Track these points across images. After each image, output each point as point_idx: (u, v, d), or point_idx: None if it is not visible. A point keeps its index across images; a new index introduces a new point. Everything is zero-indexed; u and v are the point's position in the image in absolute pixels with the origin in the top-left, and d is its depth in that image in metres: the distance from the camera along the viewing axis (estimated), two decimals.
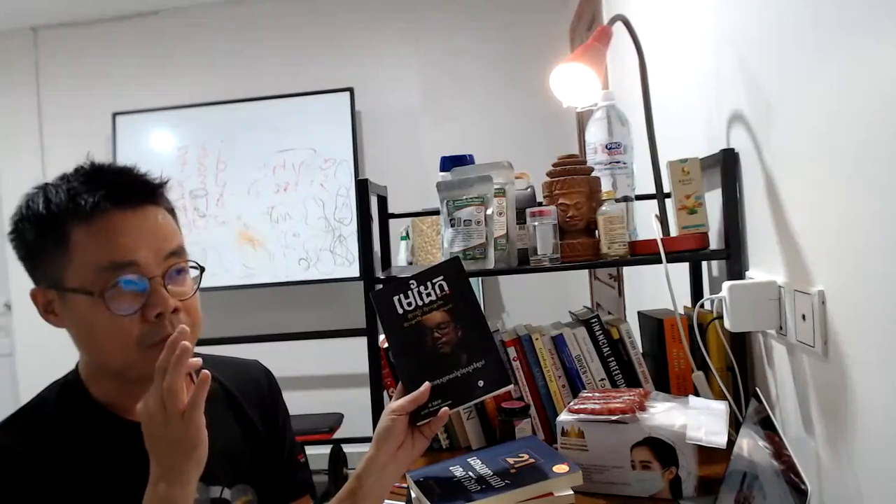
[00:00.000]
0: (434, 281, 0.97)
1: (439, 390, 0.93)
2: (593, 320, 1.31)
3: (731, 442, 1.03)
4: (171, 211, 0.86)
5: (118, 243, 0.77)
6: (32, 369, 3.92)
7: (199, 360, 0.76)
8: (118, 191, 0.78)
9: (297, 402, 1.19)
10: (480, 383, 0.93)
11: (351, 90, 3.60)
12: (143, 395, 0.84)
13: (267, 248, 3.63)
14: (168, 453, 0.73)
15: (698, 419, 1.02)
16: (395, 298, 0.97)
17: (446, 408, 0.91)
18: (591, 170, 1.33)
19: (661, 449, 1.03)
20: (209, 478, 0.77)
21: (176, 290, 0.81)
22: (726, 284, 1.10)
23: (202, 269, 0.85)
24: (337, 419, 3.44)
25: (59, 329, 0.81)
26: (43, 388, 0.86)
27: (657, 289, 1.57)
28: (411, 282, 0.97)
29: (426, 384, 0.92)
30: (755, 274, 1.18)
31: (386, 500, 0.95)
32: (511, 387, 0.94)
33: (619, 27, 1.34)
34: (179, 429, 0.72)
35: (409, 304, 0.97)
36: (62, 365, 0.90)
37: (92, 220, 0.76)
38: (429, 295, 0.97)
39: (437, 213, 1.38)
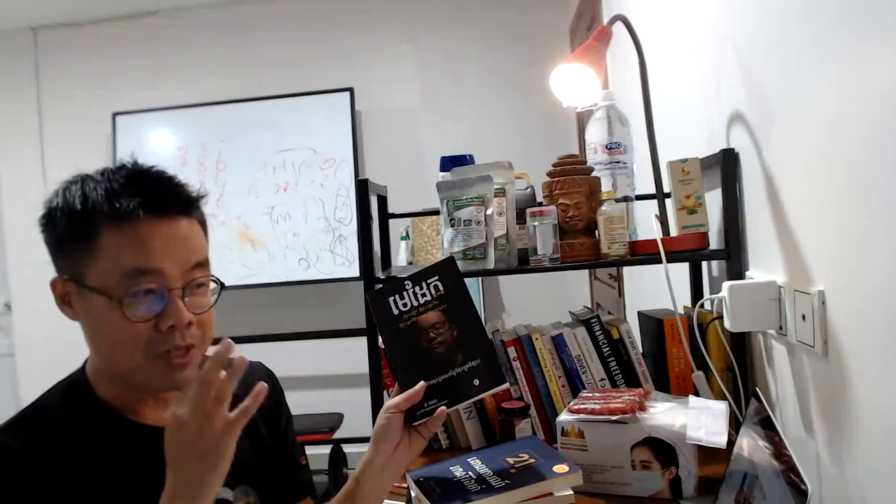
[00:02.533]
0: (429, 281, 0.97)
1: (435, 390, 0.93)
2: (593, 320, 1.31)
3: (731, 442, 1.03)
4: (203, 223, 0.86)
5: (145, 251, 0.77)
6: (32, 369, 3.92)
7: (245, 362, 0.76)
8: (155, 199, 0.78)
9: (297, 402, 1.19)
10: (476, 382, 0.93)
11: (351, 90, 3.60)
12: (154, 399, 0.84)
13: (267, 248, 3.63)
14: (192, 465, 0.72)
15: (698, 419, 1.02)
16: (391, 299, 0.97)
17: (443, 407, 0.91)
18: (591, 170, 1.33)
19: (661, 449, 1.03)
20: None
21: (193, 303, 0.80)
22: (726, 284, 1.10)
23: (222, 286, 0.85)
24: (337, 419, 3.45)
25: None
26: (45, 387, 0.86)
27: (657, 289, 1.57)
28: (406, 282, 0.97)
29: (421, 382, 0.92)
30: (755, 274, 1.18)
31: (386, 501, 0.95)
32: (507, 385, 0.94)
33: (619, 27, 1.34)
34: (214, 439, 0.72)
35: (405, 305, 0.97)
36: (62, 365, 0.90)
37: (124, 225, 0.76)
38: (424, 295, 0.97)
39: (437, 213, 1.38)
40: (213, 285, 0.85)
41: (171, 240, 0.78)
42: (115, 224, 0.76)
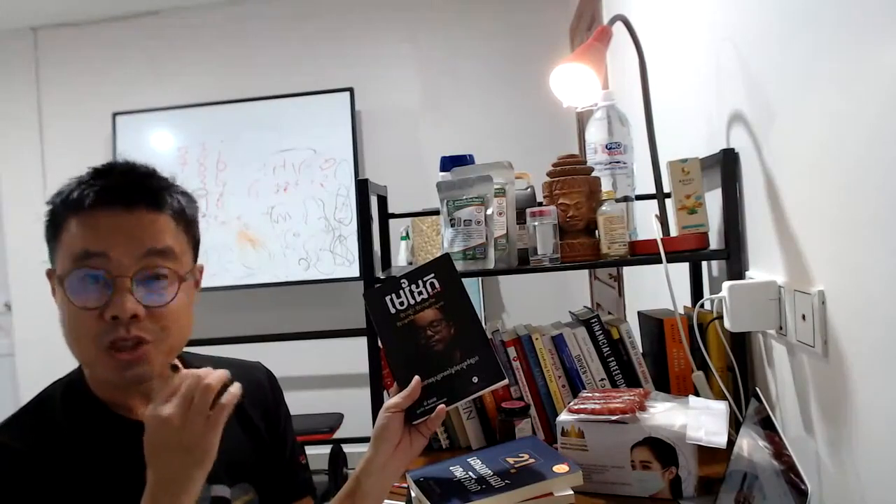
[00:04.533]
0: (425, 279, 0.97)
1: (435, 388, 0.93)
2: (593, 320, 1.31)
3: (731, 442, 1.03)
4: (184, 220, 0.84)
5: (93, 235, 0.77)
6: (32, 369, 3.92)
7: (227, 373, 0.77)
8: (113, 189, 0.78)
9: (298, 402, 1.19)
10: (475, 379, 0.93)
11: (351, 90, 3.60)
12: (146, 396, 0.84)
13: (267, 248, 3.63)
14: (176, 460, 0.72)
15: (698, 419, 1.02)
16: (388, 298, 0.97)
17: (442, 405, 0.91)
18: (591, 170, 1.33)
19: (661, 449, 1.03)
20: (211, 476, 0.77)
21: (147, 296, 0.78)
22: (726, 284, 1.10)
23: (181, 280, 0.81)
24: (337, 419, 3.45)
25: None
26: (45, 386, 0.86)
27: (657, 289, 1.57)
28: (402, 281, 0.97)
29: (416, 378, 0.92)
30: (755, 274, 1.18)
31: (386, 500, 0.95)
32: (505, 381, 0.94)
33: (619, 27, 1.34)
34: (196, 434, 0.72)
35: (402, 304, 0.97)
36: (62, 365, 0.90)
37: (82, 213, 0.77)
38: (420, 293, 0.97)
39: (437, 213, 1.38)
40: (177, 279, 0.81)
41: (124, 227, 0.78)
42: (76, 212, 0.78)
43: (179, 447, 0.72)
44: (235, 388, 0.76)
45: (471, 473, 1.01)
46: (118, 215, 0.78)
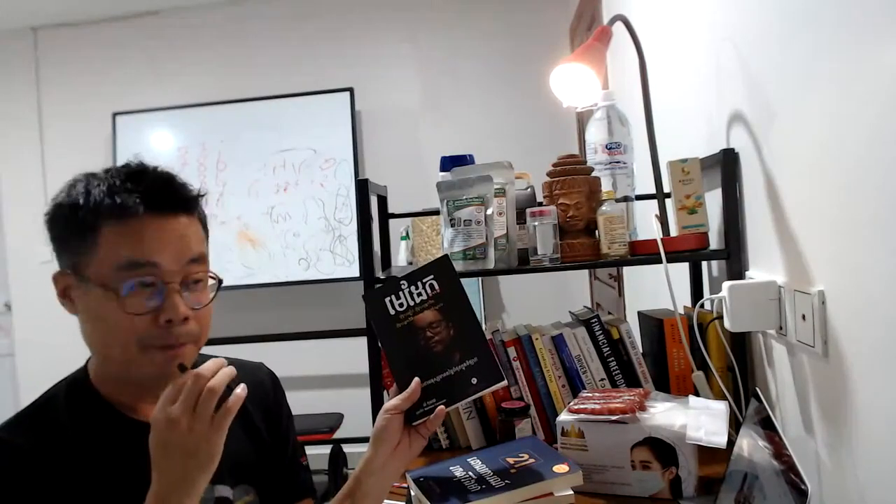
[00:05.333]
0: (424, 280, 0.97)
1: (434, 389, 0.93)
2: (593, 320, 1.31)
3: (731, 442, 1.03)
4: (203, 221, 0.88)
5: (141, 244, 0.78)
6: (32, 369, 3.92)
7: (234, 370, 0.78)
8: (153, 196, 0.79)
9: (298, 402, 1.19)
10: (474, 380, 0.93)
11: (351, 90, 3.60)
12: (154, 396, 0.84)
13: (267, 248, 3.63)
14: (180, 463, 0.72)
15: (698, 419, 1.02)
16: (387, 300, 0.97)
17: (442, 406, 0.92)
18: (591, 170, 1.33)
19: (661, 449, 1.03)
20: (214, 477, 0.77)
21: (191, 298, 0.82)
22: (726, 284, 1.10)
23: (220, 282, 0.86)
24: (337, 419, 3.45)
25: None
26: (45, 388, 0.86)
27: (657, 289, 1.57)
28: (402, 282, 0.97)
29: (416, 380, 0.92)
30: (755, 274, 1.18)
31: (386, 500, 0.95)
32: (504, 383, 0.94)
33: (619, 27, 1.34)
34: (201, 437, 0.72)
35: (401, 305, 0.97)
36: (62, 365, 0.90)
37: (123, 220, 0.78)
38: (419, 295, 0.97)
39: (437, 213, 1.38)
40: (210, 282, 0.86)
41: (167, 235, 0.80)
42: (115, 219, 0.78)
43: (184, 450, 0.72)
44: (241, 390, 0.76)
45: (471, 473, 1.01)
46: (159, 221, 0.79)
